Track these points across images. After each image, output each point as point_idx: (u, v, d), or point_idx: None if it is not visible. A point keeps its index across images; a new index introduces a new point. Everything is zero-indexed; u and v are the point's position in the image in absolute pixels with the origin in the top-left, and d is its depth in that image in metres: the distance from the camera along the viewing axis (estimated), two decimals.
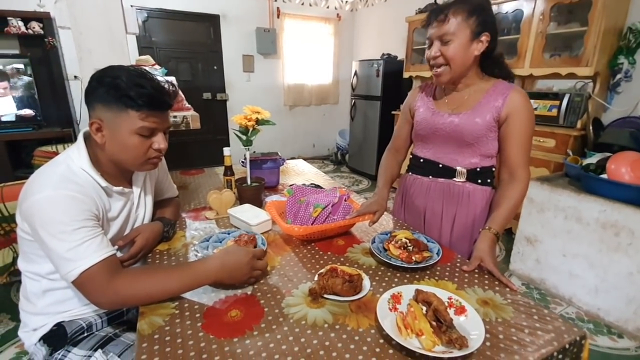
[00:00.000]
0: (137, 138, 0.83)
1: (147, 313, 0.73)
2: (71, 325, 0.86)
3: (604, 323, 1.80)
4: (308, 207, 1.10)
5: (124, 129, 0.81)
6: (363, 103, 4.32)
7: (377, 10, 4.74)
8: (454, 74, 1.00)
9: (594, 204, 1.79)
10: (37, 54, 2.97)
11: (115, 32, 1.30)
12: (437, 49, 0.98)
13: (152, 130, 0.84)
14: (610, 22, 2.22)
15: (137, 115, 0.80)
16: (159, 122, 0.85)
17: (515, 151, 1.01)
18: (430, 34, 1.00)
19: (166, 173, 1.19)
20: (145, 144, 0.85)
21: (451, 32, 0.95)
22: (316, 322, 0.70)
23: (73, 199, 0.75)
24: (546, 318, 0.72)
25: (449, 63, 0.98)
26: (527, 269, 2.16)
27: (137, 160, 0.86)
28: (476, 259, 0.91)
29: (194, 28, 4.17)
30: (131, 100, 0.79)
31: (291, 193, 1.17)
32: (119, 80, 0.79)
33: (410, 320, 0.66)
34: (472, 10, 0.95)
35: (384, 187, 1.20)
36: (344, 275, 0.78)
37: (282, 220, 1.07)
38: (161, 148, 0.88)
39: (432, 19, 0.98)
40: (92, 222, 0.77)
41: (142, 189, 1.00)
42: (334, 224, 1.04)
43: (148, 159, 0.87)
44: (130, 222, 0.96)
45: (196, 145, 4.48)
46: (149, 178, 1.04)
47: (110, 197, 0.88)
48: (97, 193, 0.83)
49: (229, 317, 0.72)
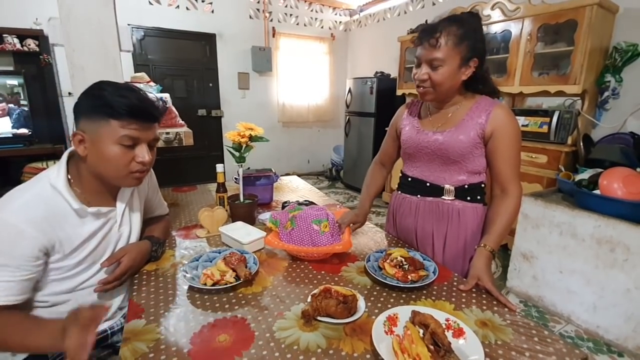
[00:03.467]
0: (118, 148, 0.80)
1: (130, 339, 0.69)
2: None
3: (604, 341, 1.77)
4: (307, 223, 1.07)
5: (105, 139, 0.79)
6: (357, 120, 4.36)
7: (370, 30, 4.87)
8: (439, 96, 1.01)
9: (588, 220, 1.79)
10: (32, 70, 2.98)
11: (109, 49, 1.30)
12: (425, 73, 0.97)
13: (134, 140, 0.82)
14: (596, 41, 2.29)
15: (118, 124, 0.79)
16: (141, 133, 0.82)
17: (504, 166, 1.00)
18: (419, 54, 0.98)
19: (156, 190, 1.16)
20: (127, 156, 0.82)
21: (441, 58, 0.94)
22: (309, 346, 0.67)
23: (19, 234, 0.73)
24: (547, 340, 0.70)
25: (434, 87, 0.98)
26: (525, 286, 2.13)
27: (119, 172, 0.83)
28: (473, 278, 0.89)
29: (190, 46, 4.23)
30: (112, 109, 0.78)
31: (277, 224, 1.10)
32: (104, 92, 0.79)
33: (407, 344, 0.64)
34: (464, 34, 0.93)
35: (366, 201, 1.25)
36: (338, 296, 0.76)
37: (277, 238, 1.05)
38: (145, 161, 0.84)
39: (422, 40, 0.97)
40: (23, 263, 0.74)
41: (128, 205, 0.96)
42: (316, 249, 1.01)
43: (130, 172, 0.84)
44: (112, 240, 0.92)
45: (190, 161, 4.46)
46: (137, 195, 1.02)
47: (82, 217, 0.85)
48: (61, 219, 0.80)
49: (217, 342, 0.68)
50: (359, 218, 1.18)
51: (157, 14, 3.90)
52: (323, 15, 5.03)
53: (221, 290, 0.86)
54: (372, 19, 4.80)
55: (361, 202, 1.25)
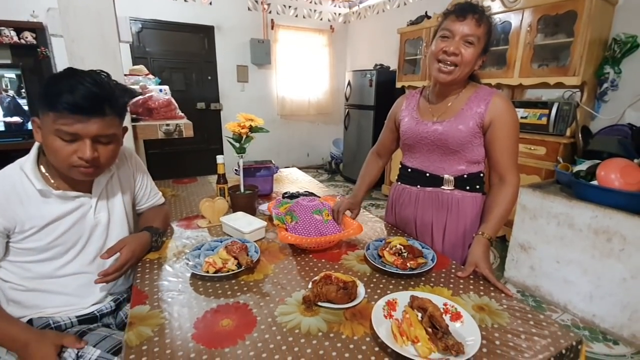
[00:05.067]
0: (57, 141, 0.78)
1: (135, 323, 0.71)
2: (38, 322, 0.87)
3: (600, 330, 1.80)
4: (308, 214, 1.08)
5: (47, 131, 0.79)
6: (356, 112, 4.35)
7: (370, 22, 4.83)
8: (459, 76, 0.98)
9: (586, 210, 1.80)
10: (30, 63, 2.96)
11: (108, 40, 1.30)
12: (457, 47, 0.94)
13: (70, 135, 0.78)
14: (596, 33, 2.29)
15: (53, 116, 0.76)
16: (78, 128, 0.77)
17: (502, 156, 1.01)
18: (453, 28, 0.94)
19: (144, 177, 1.13)
20: (67, 149, 0.79)
21: (478, 36, 0.94)
22: (310, 330, 0.69)
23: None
24: (542, 323, 0.72)
25: (461, 64, 0.96)
26: (522, 276, 2.16)
27: (61, 164, 0.81)
28: (471, 265, 0.90)
29: (188, 39, 4.20)
30: (47, 99, 0.76)
31: (282, 220, 1.10)
32: (50, 80, 0.78)
33: (406, 327, 0.65)
34: (489, 30, 0.97)
35: (359, 190, 1.28)
36: (338, 283, 0.77)
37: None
38: (85, 158, 0.79)
39: (467, 13, 0.93)
40: None
41: (104, 192, 0.96)
42: (330, 237, 1.02)
43: (73, 165, 0.81)
44: (86, 226, 0.92)
45: (190, 154, 4.46)
46: (119, 182, 1.01)
47: (47, 198, 0.85)
48: (23, 198, 0.82)
49: (220, 327, 0.70)
50: (354, 206, 1.21)
51: (155, 6, 3.87)
52: (322, 7, 4.99)
53: (223, 278, 0.87)
54: (371, 10, 4.77)
55: (355, 191, 1.28)
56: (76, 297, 0.92)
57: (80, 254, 0.92)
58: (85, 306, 0.93)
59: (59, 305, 0.90)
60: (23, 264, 0.86)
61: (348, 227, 1.10)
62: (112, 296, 0.99)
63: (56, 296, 0.90)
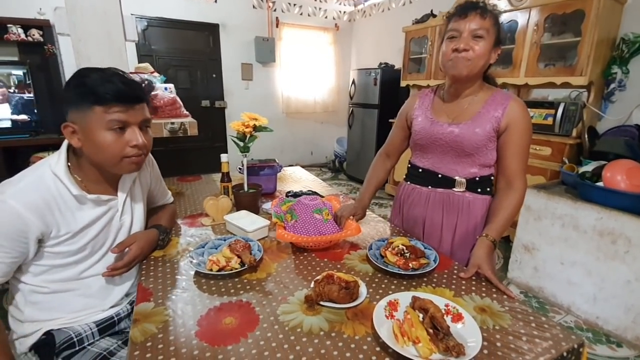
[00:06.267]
0: (109, 135, 0.80)
1: (140, 320, 0.72)
2: (60, 335, 0.85)
3: (603, 332, 1.79)
4: (308, 213, 1.08)
5: (95, 127, 0.79)
6: (361, 111, 4.34)
7: (375, 21, 4.81)
8: (472, 70, 0.97)
9: (591, 212, 1.79)
10: (37, 60, 2.98)
11: (114, 39, 1.31)
12: (467, 42, 0.94)
13: (122, 123, 0.80)
14: (603, 32, 2.26)
15: (102, 109, 0.78)
16: (128, 115, 0.81)
17: (513, 160, 1.01)
18: (459, 27, 0.95)
19: (159, 179, 1.17)
20: (120, 141, 0.81)
21: (486, 28, 0.94)
22: (312, 329, 0.70)
23: (17, 217, 0.75)
24: (544, 326, 0.72)
25: (473, 58, 0.95)
26: (525, 277, 2.15)
27: (114, 159, 0.82)
28: (473, 266, 0.90)
29: (193, 37, 4.21)
30: (94, 95, 0.77)
31: (282, 219, 1.11)
32: (84, 79, 0.79)
33: (407, 328, 0.66)
34: (496, 22, 0.97)
35: (366, 195, 1.24)
36: (340, 282, 0.78)
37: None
38: (138, 144, 0.83)
39: (469, 10, 0.95)
40: (17, 246, 0.77)
41: (129, 195, 0.97)
42: (328, 237, 1.03)
43: (126, 156, 0.83)
44: (112, 229, 0.93)
45: (194, 152, 4.48)
46: (139, 184, 1.03)
47: (83, 204, 0.86)
48: (61, 204, 0.81)
49: (223, 324, 0.71)
50: (358, 210, 1.18)
51: (160, 4, 3.88)
52: (327, 5, 4.98)
53: (226, 276, 0.88)
54: (376, 8, 4.75)
55: (361, 195, 1.25)
56: (97, 298, 0.92)
57: (105, 256, 0.92)
58: (104, 308, 0.93)
59: (79, 309, 0.90)
60: (50, 267, 0.85)
61: (347, 227, 1.10)
62: (128, 297, 0.99)
63: (78, 298, 0.89)
